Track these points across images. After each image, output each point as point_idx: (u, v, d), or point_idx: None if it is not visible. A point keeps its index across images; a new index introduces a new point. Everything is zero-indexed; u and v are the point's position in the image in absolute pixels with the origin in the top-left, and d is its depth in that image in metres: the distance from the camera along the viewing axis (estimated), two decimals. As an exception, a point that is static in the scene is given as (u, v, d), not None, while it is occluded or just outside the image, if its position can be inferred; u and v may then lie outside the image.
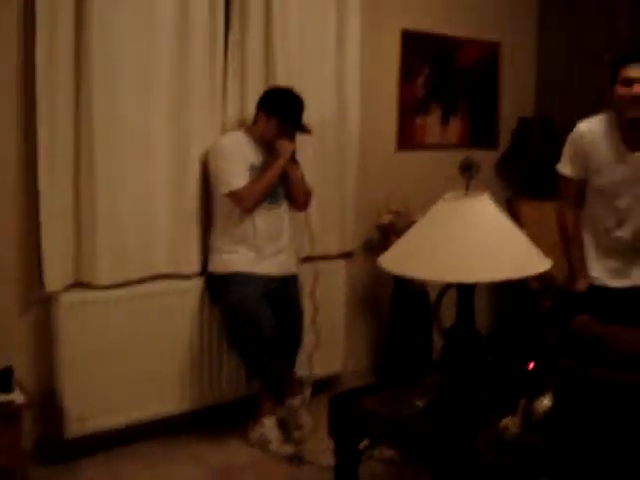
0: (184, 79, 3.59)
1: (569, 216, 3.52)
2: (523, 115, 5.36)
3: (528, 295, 4.82)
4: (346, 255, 4.36)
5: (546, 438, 2.35)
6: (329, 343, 4.21)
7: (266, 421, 3.70)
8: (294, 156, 3.67)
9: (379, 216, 4.43)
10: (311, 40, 4.01)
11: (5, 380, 3.05)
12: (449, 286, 2.56)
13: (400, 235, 4.14)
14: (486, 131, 5.26)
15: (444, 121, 4.94)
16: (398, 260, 2.51)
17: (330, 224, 4.21)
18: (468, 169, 2.47)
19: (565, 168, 3.48)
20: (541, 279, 4.36)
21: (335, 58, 4.13)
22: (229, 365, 3.87)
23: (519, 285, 4.57)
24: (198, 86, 3.63)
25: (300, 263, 3.89)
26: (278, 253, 3.72)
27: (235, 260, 3.64)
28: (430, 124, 4.86)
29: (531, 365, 2.93)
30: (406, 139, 4.73)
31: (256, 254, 3.65)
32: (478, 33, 5.05)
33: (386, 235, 4.39)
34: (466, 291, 2.54)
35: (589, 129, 3.40)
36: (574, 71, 5.28)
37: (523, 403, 2.46)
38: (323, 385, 4.15)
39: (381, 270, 2.58)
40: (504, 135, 5.36)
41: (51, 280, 3.33)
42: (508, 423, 2.43)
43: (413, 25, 4.64)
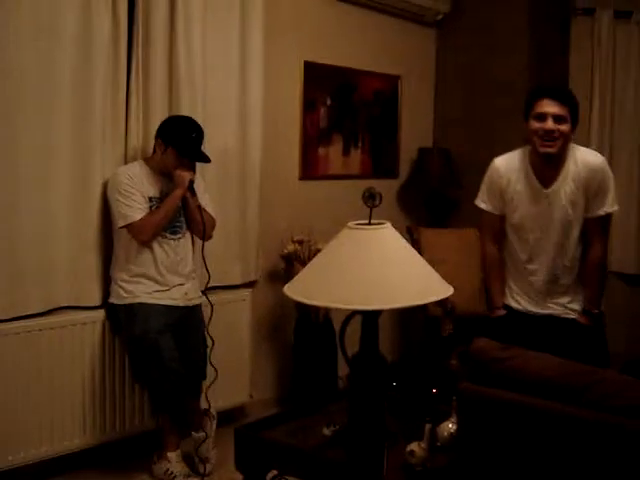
0: (86, 108, 3.53)
1: (488, 249, 3.58)
2: (422, 146, 5.51)
3: (429, 321, 4.92)
4: (250, 284, 4.36)
5: (452, 460, 2.39)
6: (234, 373, 4.19)
7: (171, 455, 3.63)
8: (192, 186, 3.61)
9: (283, 245, 4.45)
10: (214, 69, 4.02)
11: None
12: (354, 313, 2.59)
13: (305, 264, 4.23)
14: (387, 161, 5.38)
15: (346, 152, 5.03)
16: (303, 288, 2.52)
17: (233, 253, 4.21)
18: (371, 198, 2.52)
19: (483, 203, 3.51)
20: (442, 305, 4.46)
21: (238, 87, 4.16)
22: (134, 397, 3.80)
23: (420, 311, 4.66)
24: (100, 116, 3.57)
25: (203, 292, 3.86)
26: (180, 284, 3.68)
27: (136, 291, 3.58)
28: (332, 154, 4.94)
29: (434, 390, 2.99)
30: (309, 169, 4.79)
31: (157, 285, 3.60)
32: (379, 66, 5.19)
33: (290, 264, 4.41)
34: (371, 318, 2.57)
35: (504, 165, 3.42)
36: (470, 103, 5.48)
37: (428, 427, 2.51)
38: (229, 417, 4.11)
39: (285, 299, 2.59)
40: (404, 165, 5.50)
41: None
42: (414, 448, 2.47)
43: (315, 57, 4.72)
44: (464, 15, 5.44)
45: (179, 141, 3.55)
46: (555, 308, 3.46)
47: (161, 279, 3.61)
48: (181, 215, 3.67)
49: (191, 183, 3.59)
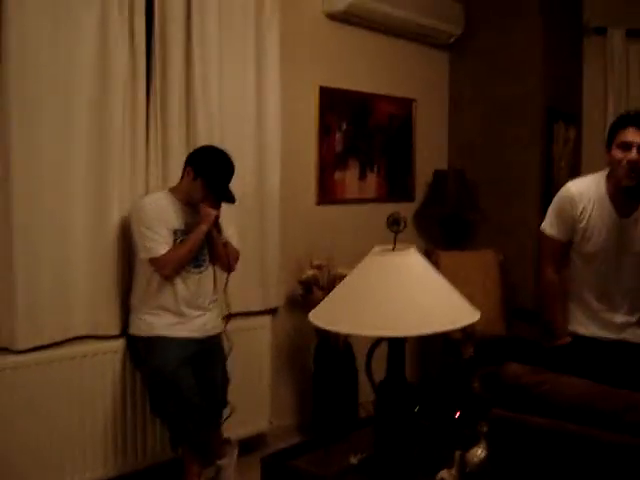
0: (104, 139, 3.54)
1: (549, 276, 3.39)
2: (438, 168, 5.50)
3: (448, 344, 4.89)
4: (271, 311, 4.34)
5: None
6: (255, 401, 4.17)
7: (193, 485, 3.60)
8: (218, 223, 3.59)
9: (301, 271, 4.43)
10: (231, 97, 4.04)
11: None
12: (380, 340, 2.57)
13: (324, 289, 4.22)
14: (402, 184, 5.37)
15: (362, 176, 5.02)
16: (329, 315, 2.50)
17: (253, 280, 4.19)
18: (396, 224, 2.50)
19: (551, 229, 3.33)
20: (462, 328, 4.42)
21: (255, 114, 4.17)
22: (154, 427, 3.77)
23: (439, 334, 4.63)
24: (118, 145, 3.57)
25: (224, 321, 3.83)
26: (200, 315, 3.64)
27: (155, 324, 3.55)
28: (348, 178, 4.93)
29: (457, 414, 2.95)
30: (326, 193, 4.78)
31: (176, 317, 3.57)
32: (393, 90, 5.19)
33: (309, 290, 4.39)
34: (397, 345, 2.55)
35: (579, 192, 3.24)
36: (485, 125, 5.47)
37: (459, 454, 2.47)
38: (249, 444, 4.08)
39: (305, 325, 2.58)
40: (420, 188, 5.49)
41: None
42: (445, 476, 2.43)
43: (330, 82, 4.73)
44: (476, 37, 5.44)
45: (210, 176, 3.49)
46: (629, 332, 3.27)
47: (180, 312, 3.57)
48: (205, 248, 3.64)
49: (216, 219, 3.57)
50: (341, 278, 3.53)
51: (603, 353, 3.25)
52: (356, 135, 4.96)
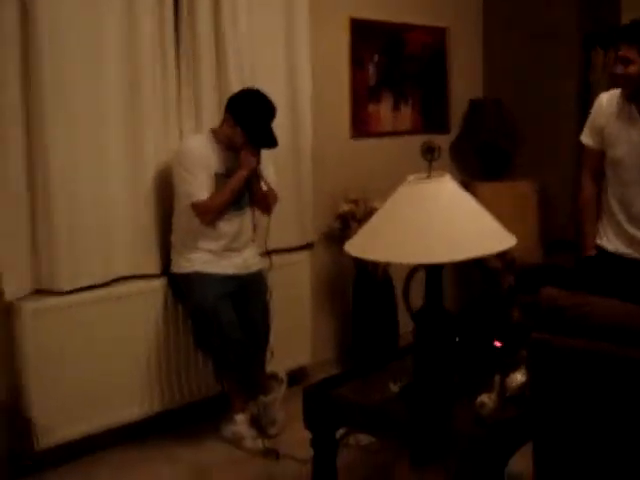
0: (136, 88, 3.55)
1: (585, 185, 3.47)
2: (473, 97, 5.41)
3: (488, 274, 4.88)
4: (307, 246, 4.36)
5: (523, 411, 2.38)
6: (296, 335, 4.22)
7: (238, 418, 3.67)
8: (257, 168, 3.59)
9: (337, 205, 4.43)
10: (261, 34, 3.99)
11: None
12: (416, 268, 2.57)
13: (361, 223, 4.21)
14: (438, 116, 5.30)
15: (396, 107, 4.96)
16: (365, 245, 2.51)
17: (290, 216, 4.19)
18: (430, 152, 2.49)
19: (586, 138, 3.43)
20: (502, 257, 4.41)
21: (285, 49, 4.13)
22: (198, 363, 3.84)
23: (479, 264, 4.61)
24: (151, 94, 3.59)
25: (263, 257, 3.85)
26: (239, 252, 3.69)
27: (195, 260, 3.60)
28: (382, 111, 4.88)
29: (497, 343, 2.96)
30: (360, 127, 4.74)
31: (217, 254, 3.62)
32: (425, 19, 5.09)
33: (346, 224, 4.39)
34: (434, 272, 2.55)
35: (608, 98, 3.35)
36: (520, 52, 5.35)
37: (498, 379, 2.49)
38: (291, 378, 4.13)
39: (343, 258, 2.59)
40: (455, 119, 5.42)
41: (11, 289, 3.26)
42: (485, 400, 2.45)
43: (361, 13, 4.65)
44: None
45: (249, 125, 3.49)
46: None
47: (221, 249, 3.62)
48: (245, 190, 3.65)
49: (257, 166, 3.57)
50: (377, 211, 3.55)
51: (626, 271, 3.30)
52: (389, 67, 4.88)
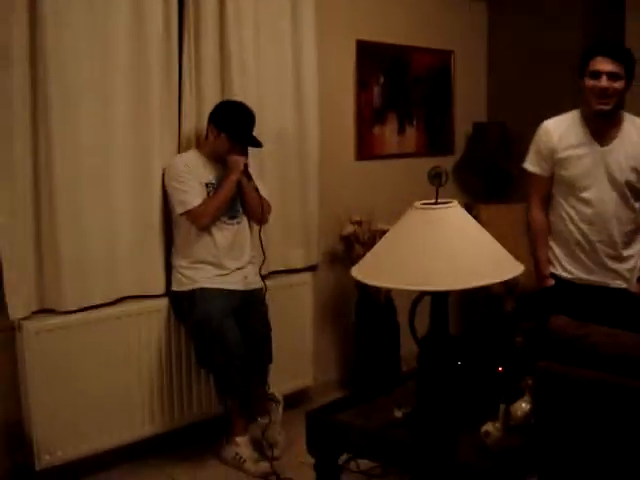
0: (141, 96, 3.54)
1: (535, 214, 3.51)
2: (477, 120, 5.42)
3: (490, 298, 4.86)
4: (312, 268, 4.35)
5: (529, 440, 2.36)
6: (298, 357, 4.20)
7: (239, 440, 3.65)
8: (247, 170, 3.64)
9: (342, 226, 4.43)
10: (267, 52, 3.99)
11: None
12: (422, 295, 2.56)
13: (365, 245, 4.21)
14: (442, 138, 5.30)
15: (401, 130, 4.96)
16: (372, 270, 2.50)
17: (295, 237, 4.20)
18: (437, 177, 2.49)
19: (532, 166, 3.46)
20: (504, 282, 4.39)
21: (292, 70, 4.12)
22: (199, 384, 3.82)
23: (481, 289, 4.60)
24: (155, 103, 3.58)
25: (265, 278, 3.85)
26: (240, 268, 3.69)
27: (196, 277, 3.60)
28: (387, 133, 4.88)
29: (500, 368, 2.95)
30: (365, 149, 4.74)
31: (217, 269, 3.63)
32: (431, 42, 5.10)
33: (350, 245, 4.38)
34: (440, 298, 2.54)
35: (554, 123, 3.40)
36: (524, 75, 5.36)
37: (503, 407, 2.47)
38: (293, 400, 4.12)
39: (346, 281, 2.58)
40: (459, 141, 5.42)
41: (15, 308, 3.24)
42: (489, 429, 2.43)
43: (367, 35, 4.65)
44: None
45: (231, 126, 3.57)
46: (606, 275, 3.35)
47: (220, 264, 3.63)
48: (238, 201, 3.68)
49: (246, 167, 3.62)
50: (381, 233, 3.54)
51: (583, 297, 3.33)
52: (394, 89, 4.89)
